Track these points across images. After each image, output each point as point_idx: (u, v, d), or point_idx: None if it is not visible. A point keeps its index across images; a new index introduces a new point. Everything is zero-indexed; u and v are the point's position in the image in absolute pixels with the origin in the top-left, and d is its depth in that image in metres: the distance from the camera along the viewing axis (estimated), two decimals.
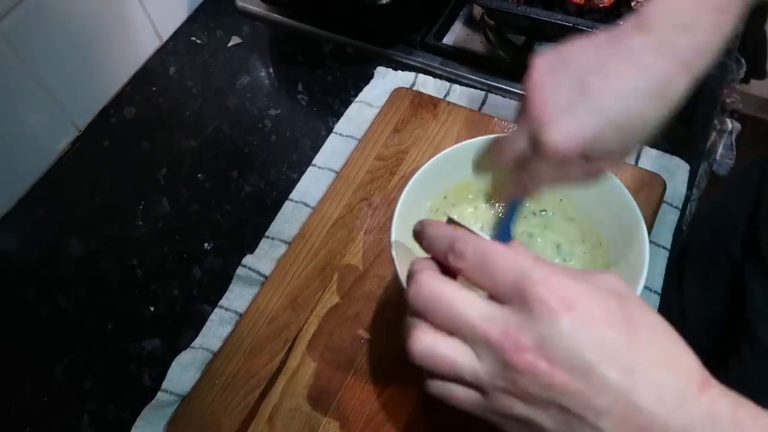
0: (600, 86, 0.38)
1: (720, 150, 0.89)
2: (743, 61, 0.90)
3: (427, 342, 0.29)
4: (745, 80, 1.07)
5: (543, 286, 0.27)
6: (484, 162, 0.51)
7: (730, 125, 0.90)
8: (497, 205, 0.54)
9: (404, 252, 0.48)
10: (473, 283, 0.30)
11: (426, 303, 0.30)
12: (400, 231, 0.48)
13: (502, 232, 0.49)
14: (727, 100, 0.92)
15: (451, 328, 0.29)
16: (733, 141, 0.90)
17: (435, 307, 0.29)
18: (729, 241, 0.82)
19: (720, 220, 0.87)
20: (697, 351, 0.28)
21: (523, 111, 0.41)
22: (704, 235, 0.92)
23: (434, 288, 0.30)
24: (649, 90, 0.38)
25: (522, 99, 0.42)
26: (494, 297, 0.29)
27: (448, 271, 0.31)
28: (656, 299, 0.56)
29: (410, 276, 0.32)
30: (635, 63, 0.38)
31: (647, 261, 0.44)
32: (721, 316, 0.86)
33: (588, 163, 0.41)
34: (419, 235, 0.34)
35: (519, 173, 0.44)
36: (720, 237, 0.84)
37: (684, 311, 0.94)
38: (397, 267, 0.46)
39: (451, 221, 0.35)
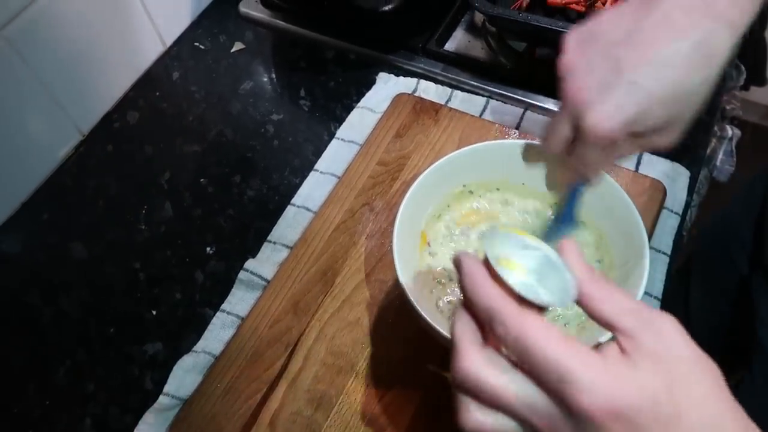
0: (635, 59, 0.36)
1: (720, 156, 0.90)
2: (743, 67, 0.90)
3: (475, 420, 0.29)
4: (745, 87, 1.07)
5: (587, 396, 0.26)
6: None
7: (730, 132, 0.91)
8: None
9: (406, 257, 0.48)
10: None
11: (469, 386, 0.29)
12: (402, 237, 0.49)
13: (565, 219, 0.50)
14: (727, 107, 0.92)
15: (496, 408, 0.29)
16: (734, 148, 0.91)
17: (478, 391, 0.29)
18: (735, 252, 0.83)
19: (725, 232, 0.87)
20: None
21: (562, 95, 0.39)
22: (710, 245, 0.92)
23: (475, 373, 0.29)
24: (689, 54, 0.35)
25: (559, 81, 0.40)
26: (537, 383, 0.28)
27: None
28: (656, 304, 0.56)
29: (453, 345, 0.30)
30: (671, 26, 0.36)
31: (647, 267, 0.45)
32: (726, 325, 0.86)
33: (639, 139, 0.39)
34: (460, 288, 0.32)
35: (571, 159, 0.43)
36: (725, 248, 0.84)
37: (689, 320, 0.95)
38: (399, 273, 0.46)
39: (486, 262, 0.31)
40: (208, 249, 0.63)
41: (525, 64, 0.71)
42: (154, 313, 0.59)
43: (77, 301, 0.60)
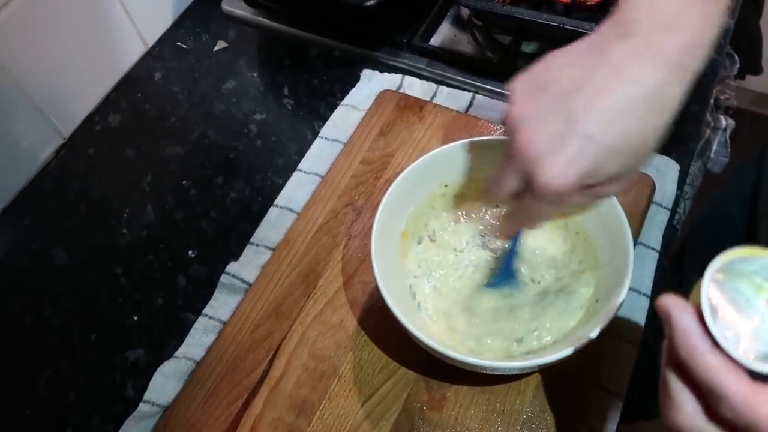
0: (587, 109, 0.34)
1: (714, 147, 0.89)
2: (736, 57, 0.89)
3: None
4: (740, 76, 1.06)
5: None
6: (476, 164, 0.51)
7: (724, 122, 0.89)
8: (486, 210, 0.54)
9: (385, 260, 0.48)
10: None
11: None
12: (382, 239, 0.48)
13: (505, 271, 0.49)
14: (721, 97, 0.91)
15: None
16: (728, 138, 0.89)
17: None
18: (727, 239, 0.81)
19: (718, 222, 0.86)
20: None
21: (511, 148, 0.38)
22: (703, 236, 0.91)
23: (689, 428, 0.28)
24: (642, 103, 0.34)
25: (507, 134, 0.38)
26: None
27: None
28: (645, 301, 0.55)
29: (671, 398, 0.29)
30: (622, 75, 0.34)
31: (631, 265, 0.43)
32: None
33: (592, 189, 0.38)
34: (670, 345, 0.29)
35: (515, 209, 0.42)
36: (718, 238, 0.83)
37: None
38: (379, 281, 0.45)
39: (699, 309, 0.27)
40: (190, 252, 0.62)
41: (511, 58, 0.69)
42: (135, 318, 0.58)
43: (59, 308, 0.60)
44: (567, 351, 0.41)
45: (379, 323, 0.53)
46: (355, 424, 0.49)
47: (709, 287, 0.27)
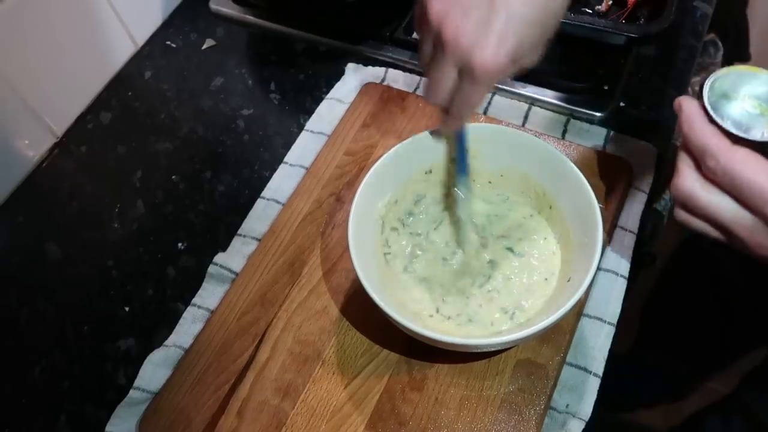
0: None
1: None
2: (720, 44, 0.90)
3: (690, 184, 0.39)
4: (729, 64, 1.07)
5: None
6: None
7: None
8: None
9: (363, 245, 0.49)
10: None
11: (684, 200, 0.39)
12: (358, 227, 0.49)
13: (460, 168, 0.51)
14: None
15: (704, 218, 0.39)
16: None
17: (692, 205, 0.39)
18: None
19: None
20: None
21: (440, 44, 0.40)
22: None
23: (690, 189, 0.39)
24: None
25: (428, 33, 0.41)
26: (743, 205, 0.37)
27: None
28: (623, 283, 0.56)
29: (675, 169, 0.40)
30: None
31: (600, 242, 0.45)
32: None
33: (514, 65, 0.41)
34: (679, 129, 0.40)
35: (452, 105, 0.44)
36: None
37: (694, 299, 0.94)
38: (356, 263, 0.46)
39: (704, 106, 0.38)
40: (179, 245, 0.63)
41: None
42: (127, 309, 0.60)
43: (52, 301, 0.61)
44: (539, 326, 0.42)
45: (362, 308, 0.54)
46: (338, 406, 0.50)
47: (709, 87, 0.39)
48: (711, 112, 0.38)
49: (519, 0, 0.38)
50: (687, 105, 0.39)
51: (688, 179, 0.39)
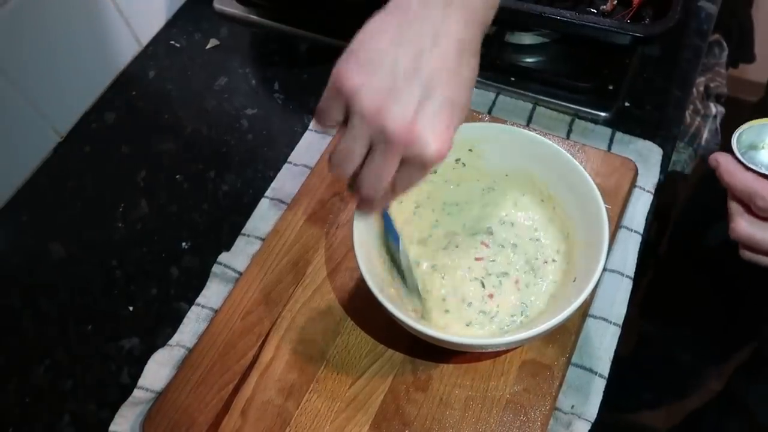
0: (435, 77, 0.37)
1: (705, 135, 0.89)
2: (725, 44, 0.90)
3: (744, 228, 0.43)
4: (733, 64, 1.06)
5: None
6: None
7: (714, 110, 0.90)
8: None
9: (368, 245, 0.49)
10: None
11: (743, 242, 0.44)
12: (364, 224, 0.49)
13: (395, 234, 0.49)
14: (711, 85, 0.92)
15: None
16: (718, 126, 0.90)
17: (751, 244, 0.43)
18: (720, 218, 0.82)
19: (707, 201, 0.86)
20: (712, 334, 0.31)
21: (385, 138, 0.38)
22: (692, 216, 0.92)
23: (746, 232, 0.43)
24: (467, 54, 0.39)
25: (339, 100, 0.39)
26: None
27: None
28: (629, 283, 0.56)
29: (729, 216, 0.44)
30: (447, 35, 0.38)
31: (606, 244, 0.44)
32: None
33: None
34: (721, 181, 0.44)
35: (393, 184, 0.41)
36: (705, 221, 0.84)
37: (695, 300, 0.94)
38: (360, 262, 0.46)
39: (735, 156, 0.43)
40: (183, 244, 0.63)
41: (496, 48, 0.70)
42: (130, 309, 0.60)
43: (56, 301, 0.61)
44: (545, 327, 0.42)
45: (366, 307, 0.54)
46: (342, 406, 0.50)
47: (736, 141, 0.43)
48: (745, 162, 0.42)
49: (450, 83, 0.38)
50: (723, 159, 0.43)
51: (743, 223, 0.43)
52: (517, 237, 0.53)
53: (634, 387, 1.17)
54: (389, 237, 0.49)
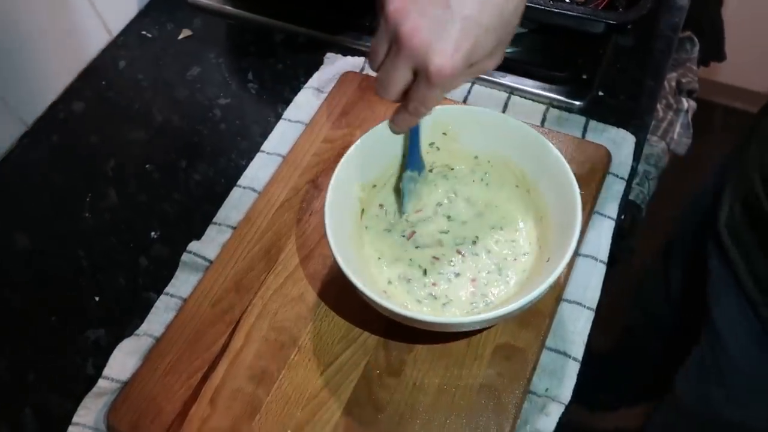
0: None
1: (677, 129, 0.90)
2: (696, 39, 0.91)
3: None
4: (705, 63, 1.08)
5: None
6: None
7: (686, 104, 0.91)
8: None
9: (340, 227, 0.48)
10: None
11: None
12: (336, 210, 0.48)
13: (413, 162, 0.50)
14: (683, 80, 0.93)
15: None
16: (690, 120, 0.91)
17: None
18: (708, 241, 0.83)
19: (698, 218, 0.87)
20: (678, 333, 0.29)
21: (395, 42, 0.40)
22: (687, 228, 0.93)
23: None
24: None
25: (386, 32, 0.40)
26: None
27: None
28: (602, 267, 0.55)
29: None
30: None
31: (578, 228, 0.44)
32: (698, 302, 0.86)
33: (474, 67, 0.41)
34: None
35: (407, 102, 0.43)
36: (699, 233, 0.84)
37: (668, 298, 0.95)
38: (332, 242, 0.46)
39: None
40: (152, 234, 0.62)
41: None
42: (97, 299, 0.58)
43: (20, 292, 0.59)
44: (518, 304, 0.41)
45: (340, 293, 0.53)
46: (314, 392, 0.49)
47: None
48: None
49: (475, 6, 0.38)
50: None
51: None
52: (491, 218, 0.53)
53: (613, 386, 1.17)
54: (409, 159, 0.50)
